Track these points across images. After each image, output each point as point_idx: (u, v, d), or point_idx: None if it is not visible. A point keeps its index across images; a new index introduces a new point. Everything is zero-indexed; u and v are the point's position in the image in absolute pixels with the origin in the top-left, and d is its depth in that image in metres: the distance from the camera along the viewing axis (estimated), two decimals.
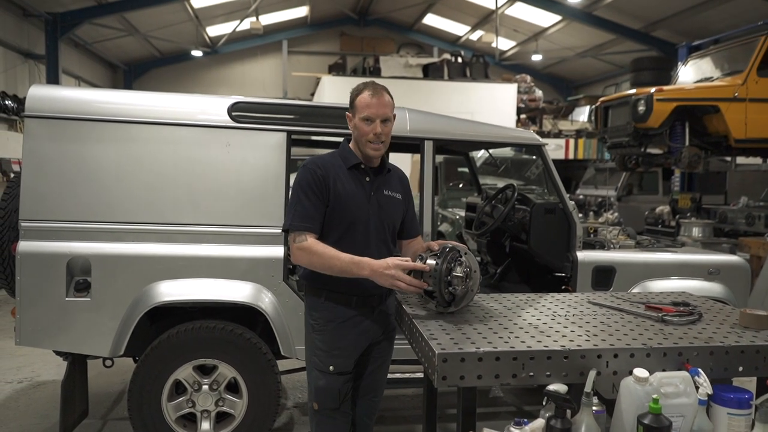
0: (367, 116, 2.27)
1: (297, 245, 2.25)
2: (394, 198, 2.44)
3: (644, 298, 2.51)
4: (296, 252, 2.26)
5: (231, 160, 3.23)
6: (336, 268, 2.19)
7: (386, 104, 2.30)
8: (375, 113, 2.27)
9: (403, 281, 2.11)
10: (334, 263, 2.19)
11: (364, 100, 2.28)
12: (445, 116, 3.65)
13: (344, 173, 2.33)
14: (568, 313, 2.22)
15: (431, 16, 19.10)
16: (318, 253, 2.21)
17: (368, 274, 2.16)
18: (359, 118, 2.29)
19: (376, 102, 2.27)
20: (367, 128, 2.28)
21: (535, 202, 3.78)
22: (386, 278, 2.13)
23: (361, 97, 2.29)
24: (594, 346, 1.79)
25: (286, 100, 3.53)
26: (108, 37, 15.93)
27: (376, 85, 2.32)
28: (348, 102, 2.39)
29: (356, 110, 2.30)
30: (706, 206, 9.46)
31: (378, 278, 2.14)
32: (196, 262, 3.16)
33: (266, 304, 3.20)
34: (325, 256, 2.20)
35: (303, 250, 2.23)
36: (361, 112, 2.28)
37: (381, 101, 2.28)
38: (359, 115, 2.28)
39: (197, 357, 3.18)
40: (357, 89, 2.33)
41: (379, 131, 2.28)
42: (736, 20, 12.23)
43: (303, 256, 2.24)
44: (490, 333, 1.92)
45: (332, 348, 2.32)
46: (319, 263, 2.22)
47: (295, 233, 2.26)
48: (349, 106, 2.37)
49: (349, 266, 2.18)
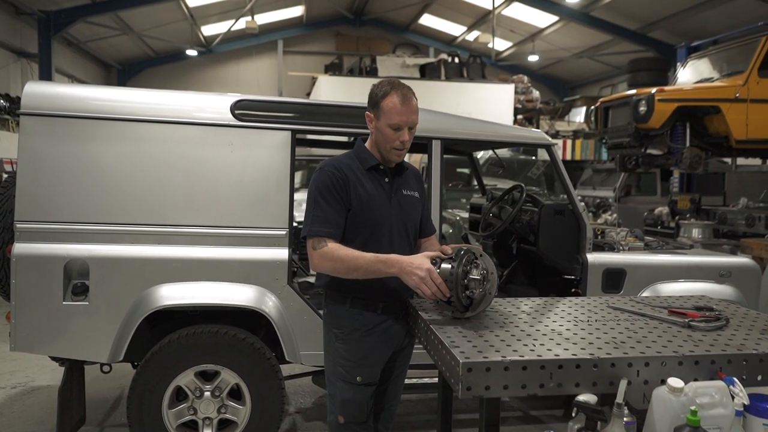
0: (396, 124, 2.15)
1: (318, 252, 2.12)
2: (413, 197, 2.36)
3: (665, 302, 2.43)
4: (317, 259, 2.14)
5: (234, 160, 3.14)
6: (362, 270, 2.08)
7: (415, 110, 2.19)
8: (405, 121, 2.16)
9: (429, 287, 2.00)
10: (359, 264, 2.07)
11: (393, 106, 2.14)
12: (453, 115, 3.57)
13: (363, 175, 2.23)
14: (590, 318, 2.14)
15: (427, 16, 19.05)
16: (340, 258, 2.09)
17: (397, 272, 2.05)
18: (386, 124, 2.16)
19: (406, 109, 2.15)
20: (394, 135, 2.17)
21: (544, 203, 3.70)
22: (415, 278, 2.00)
23: (389, 101, 2.15)
24: (624, 354, 1.71)
25: (291, 98, 3.44)
26: (102, 36, 15.78)
27: (404, 88, 2.19)
28: (367, 100, 2.26)
29: (382, 114, 2.17)
30: (706, 207, 9.43)
31: (406, 277, 2.03)
32: (198, 265, 3.06)
33: (270, 307, 3.11)
34: (348, 259, 2.08)
35: (324, 256, 2.12)
36: (389, 119, 2.15)
37: (410, 108, 2.17)
38: (387, 120, 2.16)
39: (199, 363, 3.08)
40: (383, 90, 2.18)
41: (406, 139, 2.19)
42: (733, 21, 12.23)
43: (325, 263, 2.12)
44: (513, 340, 1.84)
45: (359, 357, 2.22)
46: (343, 268, 2.10)
47: (314, 239, 2.14)
48: (369, 105, 2.24)
49: (376, 265, 2.06)
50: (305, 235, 2.17)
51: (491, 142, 3.70)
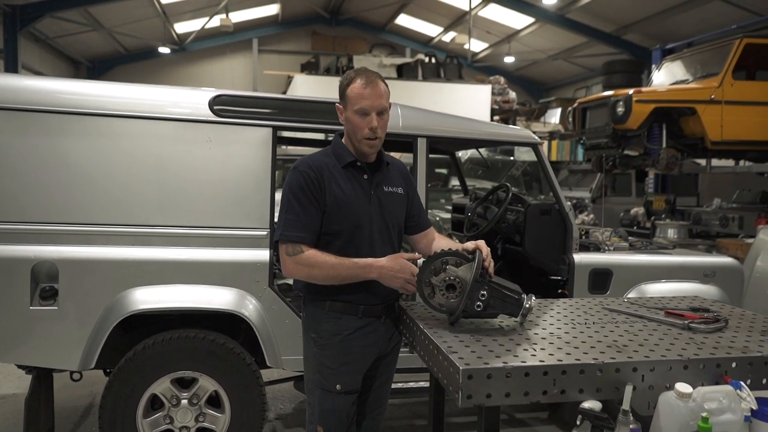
0: (362, 109, 2.05)
1: (293, 259, 2.03)
2: (396, 194, 2.24)
3: (660, 303, 2.38)
4: (291, 266, 2.05)
5: (212, 157, 3.01)
6: (341, 277, 2.01)
7: (382, 94, 2.08)
8: (370, 105, 2.05)
9: (414, 284, 1.96)
10: (338, 272, 2.00)
11: (356, 90, 2.05)
12: (439, 113, 3.49)
13: (339, 173, 2.12)
14: (588, 321, 2.07)
15: (404, 17, 19.00)
16: (318, 265, 2.01)
17: (377, 277, 1.98)
18: (352, 111, 2.06)
19: (371, 92, 2.05)
20: (362, 122, 2.06)
21: (530, 203, 3.64)
22: (398, 281, 1.96)
23: (352, 87, 2.06)
24: (629, 359, 1.64)
25: (272, 94, 3.33)
26: (70, 32, 15.36)
27: (369, 72, 2.09)
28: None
29: (348, 102, 2.07)
30: (680, 208, 9.55)
31: (388, 280, 1.97)
32: (175, 267, 2.93)
33: (250, 311, 2.99)
34: (325, 267, 2.00)
35: (300, 263, 2.03)
36: (354, 104, 2.05)
37: (376, 91, 2.06)
38: (352, 107, 2.06)
39: (176, 369, 2.94)
40: (347, 78, 2.09)
41: (375, 125, 2.06)
42: (706, 25, 12.43)
43: (301, 270, 2.04)
44: (513, 345, 1.76)
45: (339, 364, 2.11)
46: (320, 275, 2.02)
47: (288, 245, 2.04)
48: (339, 96, 2.14)
49: (354, 270, 1.99)
50: (278, 238, 2.07)
51: (478, 141, 3.63)
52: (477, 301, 1.93)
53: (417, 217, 2.35)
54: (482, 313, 1.96)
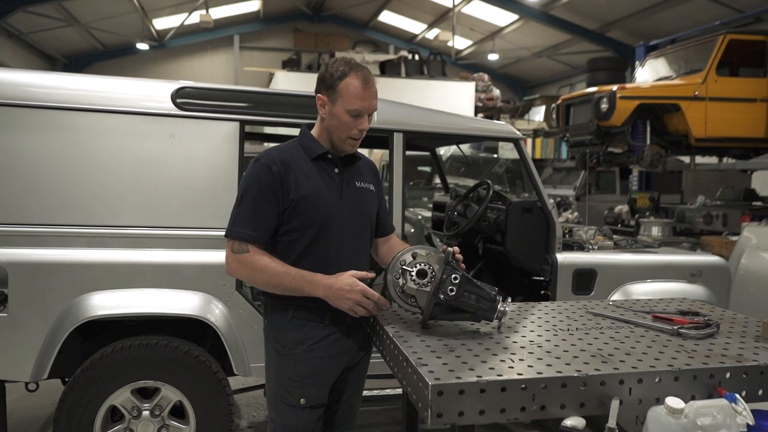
0: (357, 110, 1.90)
1: (236, 257, 1.88)
2: (368, 190, 2.09)
3: (647, 306, 2.25)
4: (234, 264, 1.90)
5: (175, 153, 2.84)
6: (283, 287, 1.85)
7: (376, 95, 1.95)
8: (367, 107, 1.91)
9: (366, 306, 1.81)
10: (281, 281, 1.85)
11: (355, 89, 1.88)
12: (416, 107, 3.33)
13: (308, 166, 1.95)
14: (570, 326, 1.93)
15: (387, 13, 18.83)
16: (261, 269, 1.85)
17: (323, 295, 1.83)
18: (343, 109, 1.90)
19: (369, 93, 1.90)
20: (353, 122, 1.91)
21: (512, 201, 3.50)
22: (347, 302, 1.81)
23: (349, 84, 1.88)
24: (615, 370, 1.50)
25: (240, 87, 3.16)
26: (45, 27, 14.99)
27: (364, 70, 1.92)
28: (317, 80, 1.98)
29: (340, 98, 1.90)
30: (664, 205, 9.50)
31: (336, 300, 1.82)
32: (135, 270, 2.75)
33: (216, 316, 2.82)
34: (269, 272, 1.85)
35: (243, 263, 1.88)
36: (349, 103, 1.89)
37: (372, 92, 1.92)
38: (345, 105, 1.89)
39: (136, 379, 2.76)
40: (340, 71, 1.90)
41: (366, 127, 1.94)
42: (688, 22, 12.41)
43: (242, 271, 1.90)
44: (488, 355, 1.61)
45: (303, 376, 1.94)
46: (262, 280, 1.87)
47: (233, 241, 1.89)
48: (322, 87, 1.94)
49: (299, 284, 1.83)
50: (226, 234, 1.92)
51: (457, 136, 3.48)
52: (450, 285, 1.79)
53: (383, 219, 2.21)
54: (455, 311, 1.81)
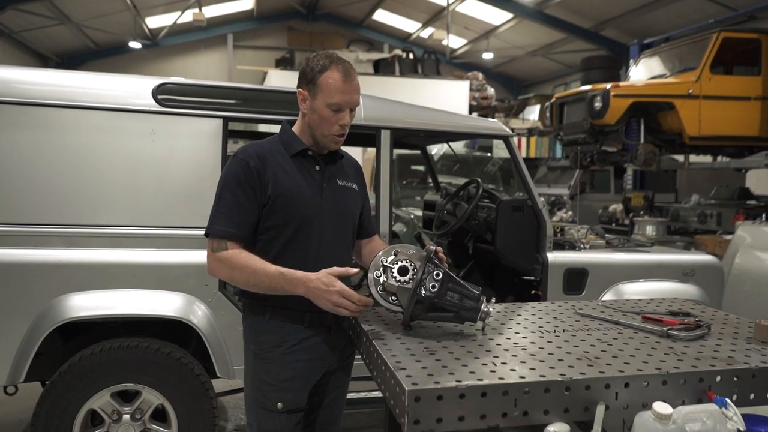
0: (337, 104, 1.83)
1: (216, 255, 1.82)
2: (351, 189, 2.03)
3: (637, 306, 2.19)
4: (213, 263, 1.84)
5: (156, 151, 2.78)
6: (263, 285, 1.78)
7: (358, 89, 1.88)
8: (348, 101, 1.85)
9: (347, 308, 1.71)
10: (260, 279, 1.77)
11: (334, 82, 1.82)
12: (404, 103, 3.28)
13: (288, 163, 1.89)
14: (557, 328, 1.87)
15: (381, 12, 18.76)
16: (239, 267, 1.78)
17: (303, 293, 1.75)
18: (323, 104, 1.84)
19: (349, 87, 1.84)
20: (333, 117, 1.85)
21: (502, 199, 3.44)
22: (325, 302, 1.72)
23: (329, 77, 1.82)
24: (601, 374, 1.44)
25: (223, 83, 3.09)
26: (37, 26, 14.86)
27: (345, 64, 1.86)
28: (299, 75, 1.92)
29: (320, 92, 1.84)
30: (659, 204, 9.47)
31: (315, 299, 1.74)
32: (115, 270, 2.69)
33: (199, 318, 2.76)
34: (248, 270, 1.78)
35: (222, 261, 1.81)
36: (330, 97, 1.82)
37: (353, 86, 1.85)
38: (326, 99, 1.83)
39: (116, 382, 2.70)
40: (320, 64, 1.84)
41: (348, 122, 1.88)
42: (683, 20, 12.38)
43: (222, 270, 1.83)
44: (469, 358, 1.54)
45: (281, 380, 1.87)
46: (241, 278, 1.80)
47: (213, 240, 1.83)
48: (303, 81, 1.89)
49: (278, 282, 1.76)
50: (206, 232, 1.86)
51: (446, 133, 3.42)
52: (432, 282, 1.73)
53: (366, 220, 2.15)
54: (438, 310, 1.75)
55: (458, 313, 1.76)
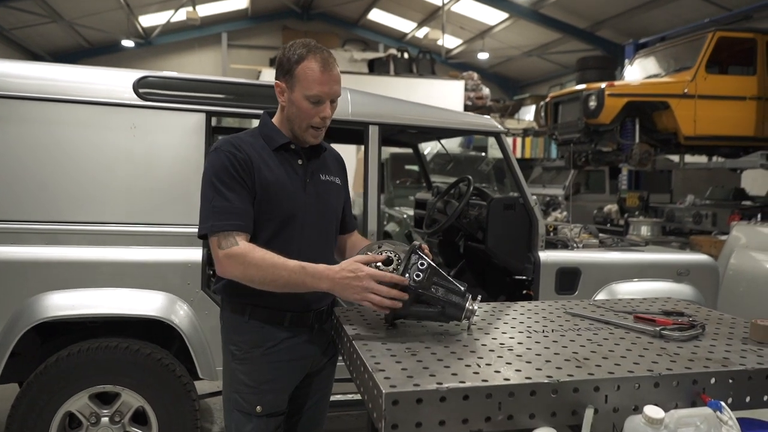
0: (316, 96, 1.75)
1: (225, 252, 1.67)
2: (333, 184, 1.95)
3: (629, 306, 2.13)
4: (225, 261, 1.68)
5: (137, 146, 2.70)
6: (282, 281, 1.65)
7: (338, 79, 1.79)
8: (328, 93, 1.76)
9: (379, 293, 1.60)
10: (279, 274, 1.65)
11: (312, 73, 1.74)
12: (392, 98, 3.21)
13: (270, 156, 1.81)
14: (546, 328, 1.80)
15: (377, 11, 18.70)
16: (255, 263, 1.66)
17: (328, 287, 1.64)
18: (302, 95, 1.75)
19: (328, 77, 1.75)
20: (313, 110, 1.76)
21: (493, 197, 3.38)
22: (355, 290, 1.61)
23: (307, 68, 1.74)
24: (589, 376, 1.37)
25: (206, 76, 3.02)
26: (28, 24, 14.75)
27: (323, 52, 1.77)
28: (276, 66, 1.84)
29: (298, 83, 1.75)
30: (654, 205, 9.42)
31: (343, 291, 1.63)
32: (94, 268, 2.61)
33: (181, 317, 2.68)
34: (265, 266, 1.65)
35: (234, 258, 1.67)
36: (308, 89, 1.74)
37: (332, 76, 1.76)
38: (304, 91, 1.75)
39: (95, 383, 2.62)
40: (298, 54, 1.75)
41: (328, 114, 1.79)
42: (678, 20, 12.35)
43: (235, 267, 1.67)
44: (453, 359, 1.47)
45: (260, 382, 1.79)
46: (258, 276, 1.66)
47: (219, 236, 1.69)
48: (280, 72, 1.81)
49: (301, 277, 1.64)
50: (207, 232, 1.73)
51: (436, 129, 3.34)
52: (417, 271, 1.66)
53: (347, 215, 2.08)
54: (422, 304, 1.67)
55: (443, 310, 1.68)
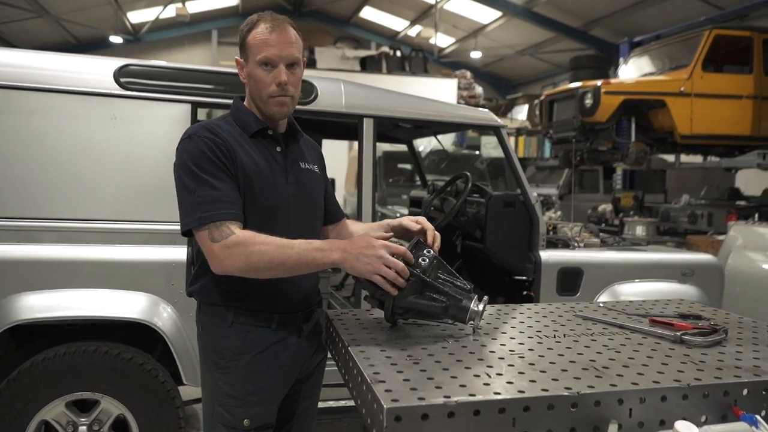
0: (266, 58, 1.60)
1: (222, 243, 1.50)
2: (313, 172, 1.81)
3: (641, 308, 2.00)
4: (223, 254, 1.50)
5: (118, 138, 2.56)
6: (291, 262, 1.49)
7: (291, 42, 1.63)
8: (277, 54, 1.60)
9: (395, 266, 1.46)
10: (287, 255, 1.49)
11: (259, 36, 1.61)
12: (388, 90, 3.07)
13: (248, 143, 1.66)
14: (557, 332, 1.67)
15: (369, 9, 18.53)
16: (258, 250, 1.49)
17: (339, 258, 1.48)
18: (254, 63, 1.62)
19: (278, 38, 1.60)
20: (267, 76, 1.62)
21: (492, 194, 3.25)
22: (369, 260, 1.45)
23: (256, 33, 1.61)
24: (612, 387, 1.24)
25: (191, 65, 2.87)
26: (14, 18, 14.46)
27: (276, 18, 1.64)
28: None
29: (250, 52, 1.63)
30: (648, 205, 9.35)
31: (355, 262, 1.47)
32: (73, 268, 2.46)
33: (164, 320, 2.54)
34: (271, 248, 1.49)
35: (234, 248, 1.49)
36: (257, 53, 1.60)
37: (284, 36, 1.61)
38: (254, 57, 1.62)
39: (72, 391, 2.47)
40: (248, 23, 1.65)
41: (283, 79, 1.61)
42: (671, 19, 12.27)
43: (236, 258, 1.49)
44: (459, 368, 1.34)
45: (247, 393, 1.64)
46: (264, 262, 1.49)
47: (210, 228, 1.52)
48: (239, 49, 1.70)
49: (311, 254, 1.49)
50: (193, 226, 1.55)
51: (433, 122, 3.20)
52: (424, 257, 1.54)
53: (330, 204, 1.94)
54: (425, 299, 1.53)
55: (447, 307, 1.55)
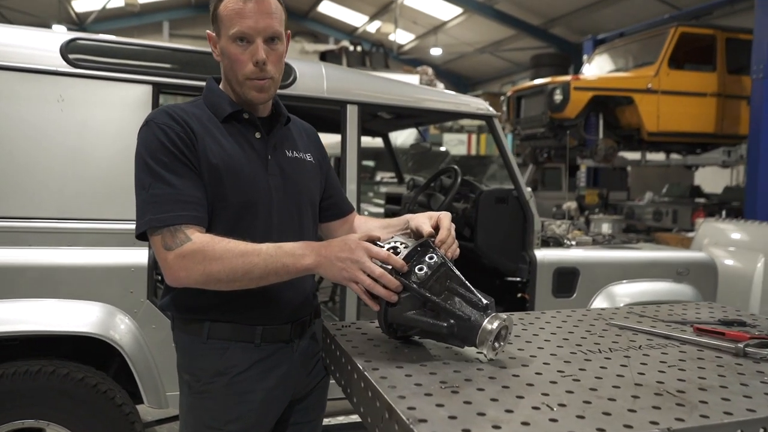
0: (240, 32, 1.33)
1: (176, 253, 1.24)
2: (304, 161, 1.52)
3: (673, 313, 1.79)
4: (177, 264, 1.25)
5: (66, 123, 2.21)
6: (258, 271, 1.23)
7: (270, 11, 1.34)
8: (253, 27, 1.32)
9: (371, 273, 1.19)
10: (252, 262, 1.22)
11: (232, 5, 1.33)
12: (374, 76, 2.81)
13: (219, 129, 1.39)
14: (599, 346, 1.43)
15: (327, 3, 18.21)
16: (218, 257, 1.23)
17: (313, 263, 1.22)
18: (227, 38, 1.35)
19: (254, 7, 1.32)
20: (243, 54, 1.34)
21: (483, 190, 3.03)
22: (344, 264, 1.19)
23: (227, 2, 1.34)
24: (704, 419, 1.00)
25: (155, 42, 2.53)
26: None
27: None
28: None
29: (221, 24, 1.36)
30: (613, 202, 9.38)
31: (329, 267, 1.21)
32: (14, 275, 2.12)
33: (121, 333, 2.20)
34: (231, 256, 1.23)
35: (189, 257, 1.24)
36: (230, 26, 1.33)
37: (261, 6, 1.33)
38: (227, 31, 1.34)
39: (12, 418, 2.12)
40: None
41: (262, 56, 1.33)
42: (630, 19, 12.41)
43: (193, 269, 1.24)
44: (509, 397, 1.08)
45: (225, 421, 1.36)
46: (224, 271, 1.23)
47: (163, 233, 1.26)
48: (212, 23, 1.41)
49: (279, 259, 1.23)
50: (145, 229, 1.28)
51: (421, 110, 2.94)
52: (422, 265, 1.26)
53: (335, 197, 1.65)
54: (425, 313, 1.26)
55: (452, 326, 1.26)
